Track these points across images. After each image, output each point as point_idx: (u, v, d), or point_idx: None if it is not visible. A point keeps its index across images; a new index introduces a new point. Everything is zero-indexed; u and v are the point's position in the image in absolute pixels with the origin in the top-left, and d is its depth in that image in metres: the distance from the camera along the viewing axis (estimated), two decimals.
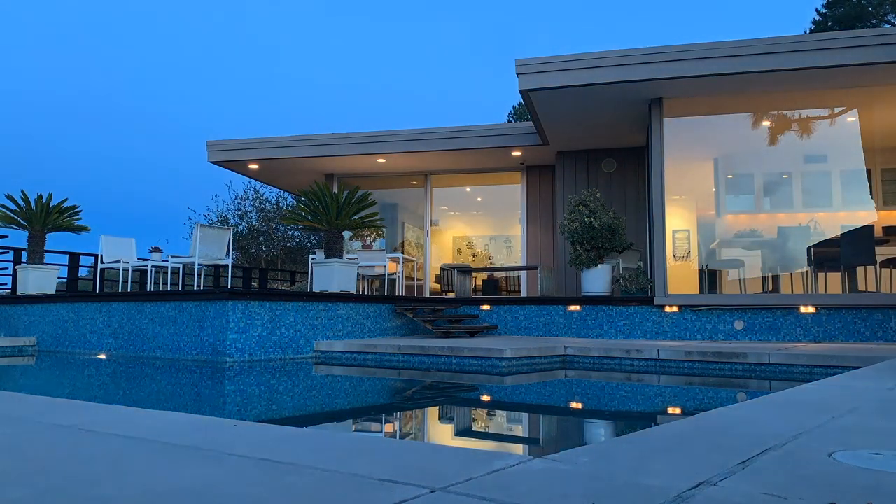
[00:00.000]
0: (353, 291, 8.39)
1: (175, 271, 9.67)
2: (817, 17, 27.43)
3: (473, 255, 18.05)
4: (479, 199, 16.49)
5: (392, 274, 11.60)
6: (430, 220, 13.72)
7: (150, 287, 9.70)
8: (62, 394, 4.90)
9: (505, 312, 9.26)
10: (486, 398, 5.16)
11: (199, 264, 8.81)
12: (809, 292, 8.68)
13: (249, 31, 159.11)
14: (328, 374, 6.60)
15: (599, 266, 8.86)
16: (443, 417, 4.32)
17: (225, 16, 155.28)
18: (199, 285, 9.64)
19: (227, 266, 9.56)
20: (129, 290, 9.28)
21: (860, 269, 8.87)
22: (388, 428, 3.89)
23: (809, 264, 8.52)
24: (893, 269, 9.23)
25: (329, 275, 8.09)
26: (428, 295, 13.03)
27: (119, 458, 1.60)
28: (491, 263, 17.40)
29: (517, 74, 8.65)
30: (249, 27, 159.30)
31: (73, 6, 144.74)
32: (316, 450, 1.72)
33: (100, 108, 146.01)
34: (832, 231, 10.05)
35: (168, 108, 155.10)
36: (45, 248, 9.58)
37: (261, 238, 22.41)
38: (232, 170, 13.60)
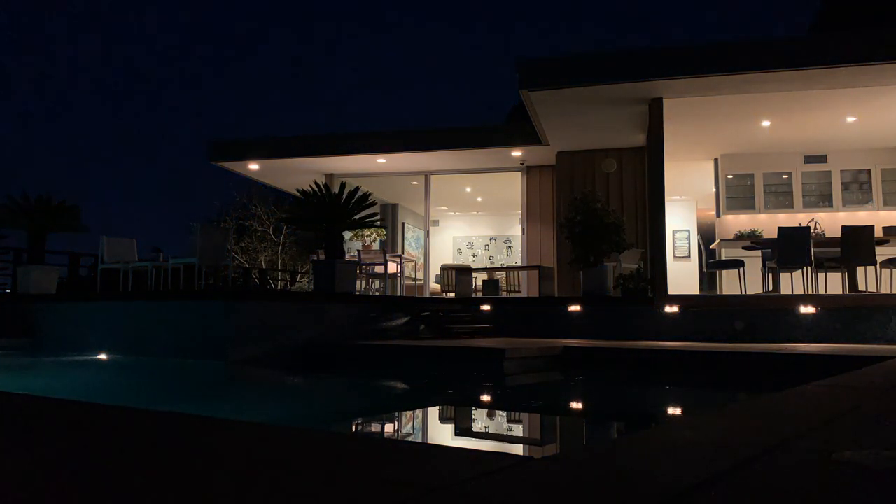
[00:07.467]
0: (354, 291, 8.39)
1: (175, 272, 9.65)
2: (816, 18, 27.45)
3: (473, 256, 18.05)
4: (479, 199, 16.47)
5: (392, 274, 11.60)
6: (430, 220, 13.72)
7: (150, 288, 9.69)
8: (61, 394, 4.90)
9: (505, 312, 9.24)
10: (485, 398, 5.17)
11: (199, 265, 8.81)
12: (809, 292, 8.68)
13: (248, 31, 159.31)
14: (327, 375, 6.60)
15: (600, 266, 8.86)
16: (442, 417, 4.32)
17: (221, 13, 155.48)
18: (199, 286, 9.64)
19: (227, 266, 9.55)
20: (129, 291, 9.28)
21: (860, 269, 8.87)
22: (388, 428, 3.90)
23: (809, 264, 8.51)
24: (893, 269, 9.23)
25: (329, 275, 8.09)
26: (428, 295, 13.03)
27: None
28: (491, 263, 17.40)
29: (517, 74, 8.65)
30: (249, 27, 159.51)
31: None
32: (314, 450, 1.72)
33: (99, 107, 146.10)
34: (832, 231, 10.04)
35: (169, 107, 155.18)
36: (46, 248, 9.57)
37: (261, 238, 22.44)
38: (232, 170, 13.62)
